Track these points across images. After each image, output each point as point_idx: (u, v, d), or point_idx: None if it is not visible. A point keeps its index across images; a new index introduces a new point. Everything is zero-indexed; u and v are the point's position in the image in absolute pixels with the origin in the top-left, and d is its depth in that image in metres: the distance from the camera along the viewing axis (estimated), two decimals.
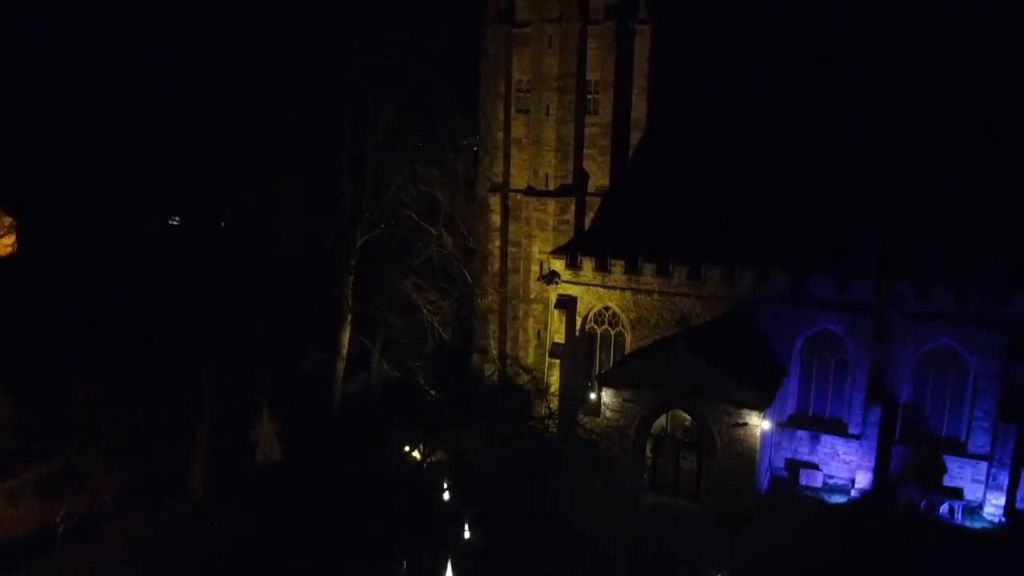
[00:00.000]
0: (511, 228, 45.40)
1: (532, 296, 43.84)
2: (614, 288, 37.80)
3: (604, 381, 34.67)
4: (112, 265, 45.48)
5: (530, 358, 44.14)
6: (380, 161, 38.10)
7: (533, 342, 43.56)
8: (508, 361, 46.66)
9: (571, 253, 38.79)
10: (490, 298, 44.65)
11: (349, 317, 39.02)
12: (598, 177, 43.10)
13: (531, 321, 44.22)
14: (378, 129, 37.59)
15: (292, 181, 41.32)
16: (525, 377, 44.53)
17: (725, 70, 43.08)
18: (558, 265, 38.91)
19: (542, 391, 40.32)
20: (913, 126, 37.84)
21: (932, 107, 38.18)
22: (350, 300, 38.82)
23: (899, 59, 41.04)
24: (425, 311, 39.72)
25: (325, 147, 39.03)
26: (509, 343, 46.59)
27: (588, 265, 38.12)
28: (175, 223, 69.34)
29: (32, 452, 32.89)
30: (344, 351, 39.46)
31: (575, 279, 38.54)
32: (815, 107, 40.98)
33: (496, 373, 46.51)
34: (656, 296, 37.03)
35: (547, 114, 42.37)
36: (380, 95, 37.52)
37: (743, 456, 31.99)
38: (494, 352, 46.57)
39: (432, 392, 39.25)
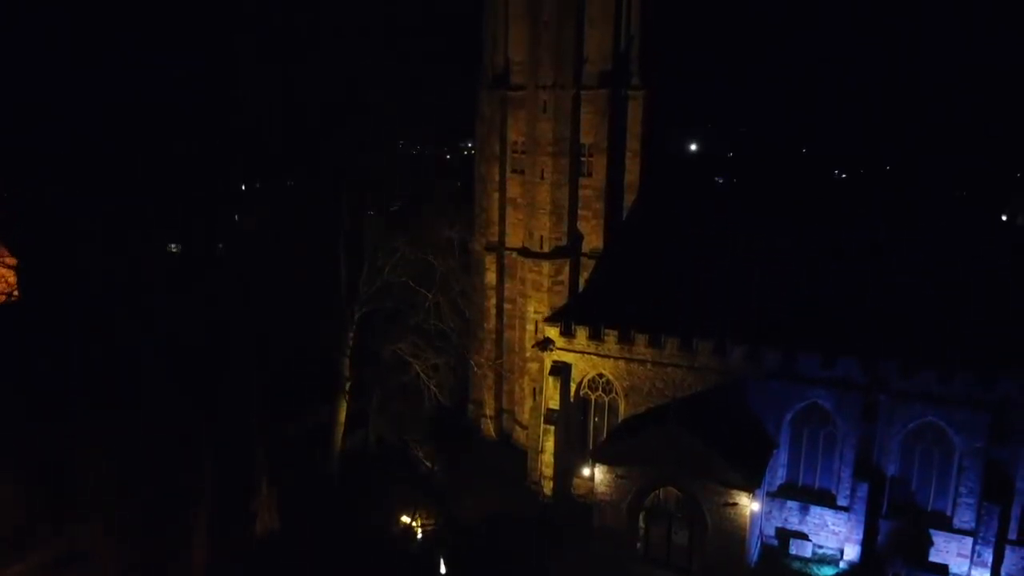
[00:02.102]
0: (506, 286, 46.04)
1: (527, 355, 44.38)
2: (608, 357, 38.39)
3: (597, 457, 35.32)
4: (111, 320, 45.72)
5: (526, 415, 44.70)
6: (376, 238, 38.75)
7: (529, 401, 44.11)
8: (504, 416, 47.34)
9: (565, 321, 39.37)
10: (484, 369, 45.32)
11: (347, 387, 39.56)
12: (592, 239, 43.70)
13: (527, 379, 44.76)
14: (373, 216, 38.34)
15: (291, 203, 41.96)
16: (521, 433, 45.21)
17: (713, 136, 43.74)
18: (552, 333, 39.49)
19: (537, 452, 40.89)
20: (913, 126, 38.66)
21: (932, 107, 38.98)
22: (348, 372, 39.34)
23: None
24: (422, 376, 40.29)
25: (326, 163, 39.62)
26: (505, 397, 47.26)
27: (582, 333, 38.71)
28: (174, 249, 69.68)
29: (34, 531, 33.39)
30: (342, 418, 40.02)
31: (569, 346, 39.13)
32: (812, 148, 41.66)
33: (492, 428, 47.18)
34: (649, 366, 37.64)
35: (542, 178, 42.90)
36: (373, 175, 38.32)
37: (733, 535, 32.69)
38: (490, 407, 47.22)
39: (428, 464, 39.73)
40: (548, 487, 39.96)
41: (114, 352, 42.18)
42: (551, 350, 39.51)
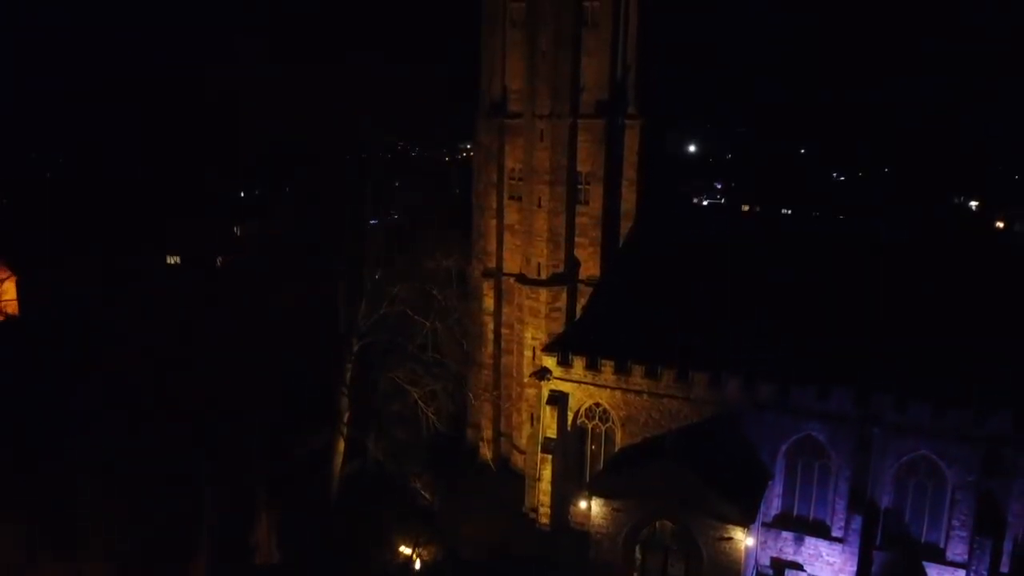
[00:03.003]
0: (504, 311, 46.31)
1: (525, 381, 44.64)
2: (604, 387, 38.65)
3: (593, 490, 35.63)
4: (109, 350, 45.99)
5: (524, 440, 44.99)
6: (376, 270, 39.08)
7: (527, 426, 44.39)
8: (502, 440, 47.61)
9: (562, 350, 39.62)
10: (481, 400, 45.65)
11: (346, 420, 39.84)
12: (589, 266, 43.95)
13: (524, 404, 45.03)
14: (372, 255, 38.72)
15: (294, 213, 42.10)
16: (519, 457, 45.48)
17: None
18: (550, 362, 39.75)
19: (535, 480, 41.14)
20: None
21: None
22: (347, 405, 39.61)
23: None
24: (420, 404, 40.56)
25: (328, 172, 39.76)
26: (503, 421, 47.53)
27: (579, 363, 38.96)
28: (174, 263, 69.79)
29: (36, 562, 33.66)
30: (340, 448, 40.30)
31: (566, 376, 39.40)
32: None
33: (490, 452, 47.43)
34: (645, 396, 37.92)
35: (539, 206, 43.16)
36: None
37: (728, 568, 33.02)
38: (488, 432, 47.48)
39: (427, 496, 40.00)
40: (545, 516, 40.23)
41: (113, 376, 42.55)
42: (548, 379, 39.78)
